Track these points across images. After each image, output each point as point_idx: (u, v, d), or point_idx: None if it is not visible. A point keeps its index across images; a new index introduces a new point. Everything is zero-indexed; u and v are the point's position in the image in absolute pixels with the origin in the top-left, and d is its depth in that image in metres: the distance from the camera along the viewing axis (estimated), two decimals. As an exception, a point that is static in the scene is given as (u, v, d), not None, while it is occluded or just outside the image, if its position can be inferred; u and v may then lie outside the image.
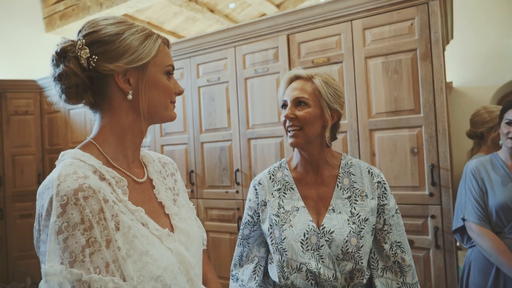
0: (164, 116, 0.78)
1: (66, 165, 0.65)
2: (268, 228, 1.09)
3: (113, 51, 0.71)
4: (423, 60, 1.83)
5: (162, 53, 0.77)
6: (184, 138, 2.65)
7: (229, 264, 2.46)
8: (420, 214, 1.82)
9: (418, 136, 1.84)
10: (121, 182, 0.72)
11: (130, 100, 0.73)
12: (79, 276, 0.57)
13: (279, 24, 2.24)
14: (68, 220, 0.59)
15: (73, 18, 4.29)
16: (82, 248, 0.59)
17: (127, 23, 0.75)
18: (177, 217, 0.80)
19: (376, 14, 1.95)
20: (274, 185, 1.13)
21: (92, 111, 0.78)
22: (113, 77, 0.72)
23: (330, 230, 1.03)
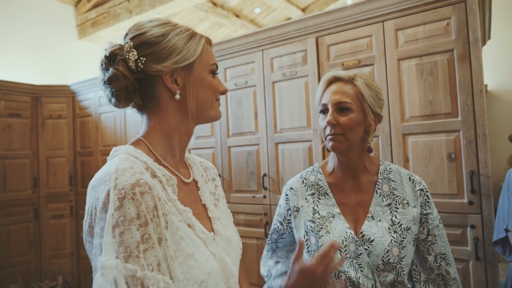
0: (211, 114, 0.79)
1: (122, 159, 0.66)
2: (304, 235, 1.04)
3: (160, 52, 0.71)
4: (460, 61, 1.75)
5: (206, 52, 0.77)
6: (211, 142, 2.66)
7: (256, 270, 2.43)
8: (458, 223, 1.73)
9: (456, 141, 1.75)
10: (171, 180, 0.72)
11: (178, 100, 0.74)
12: (133, 272, 0.57)
13: (308, 26, 2.20)
14: (124, 214, 0.59)
15: (104, 25, 4.42)
16: (137, 244, 0.59)
17: (171, 24, 0.76)
18: (219, 222, 0.79)
19: (409, 14, 1.89)
20: (307, 189, 1.08)
21: (139, 113, 0.78)
22: (161, 78, 0.73)
23: (370, 238, 0.98)
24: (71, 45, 4.59)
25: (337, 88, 1.03)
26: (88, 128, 3.56)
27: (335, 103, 1.02)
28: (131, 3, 4.18)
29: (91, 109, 3.54)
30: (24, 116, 3.48)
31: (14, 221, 3.35)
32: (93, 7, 4.52)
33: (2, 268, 3.23)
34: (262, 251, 2.39)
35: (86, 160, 3.57)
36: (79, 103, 3.65)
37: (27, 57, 4.11)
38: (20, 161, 3.44)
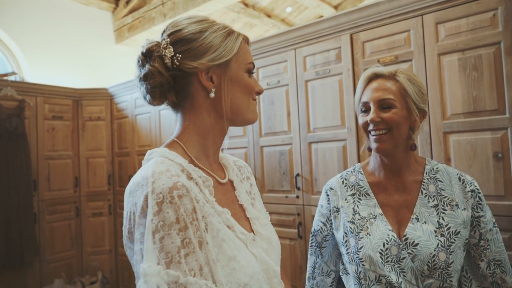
0: (247, 116, 0.76)
1: (157, 163, 0.65)
2: (343, 236, 1.01)
3: (196, 49, 0.70)
4: (508, 55, 1.64)
5: (243, 50, 0.75)
6: (244, 142, 2.67)
7: (289, 270, 2.41)
8: (506, 227, 1.62)
9: (503, 139, 1.65)
10: (207, 181, 0.71)
11: (212, 99, 0.72)
12: (176, 278, 0.56)
13: (341, 23, 2.15)
14: (164, 219, 0.58)
15: (139, 29, 4.56)
16: (178, 249, 0.57)
17: (208, 21, 0.74)
18: (258, 222, 0.77)
19: (450, 6, 1.79)
20: (347, 189, 1.06)
21: (174, 111, 0.78)
22: (196, 75, 0.71)
23: (414, 242, 0.93)
24: (109, 49, 4.77)
25: (378, 85, 0.99)
26: (125, 129, 3.68)
27: (377, 100, 0.98)
28: (165, 6, 4.28)
29: (127, 111, 3.66)
30: (66, 118, 3.66)
31: (57, 218, 3.53)
32: (130, 12, 4.68)
33: (47, 263, 3.42)
34: (295, 251, 2.37)
35: (123, 160, 3.69)
36: (117, 105, 3.78)
37: (69, 62, 4.32)
38: (63, 161, 3.62)
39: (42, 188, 3.43)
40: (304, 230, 2.32)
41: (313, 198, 2.29)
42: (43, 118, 3.48)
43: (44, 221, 3.42)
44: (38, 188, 3.39)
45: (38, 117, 3.44)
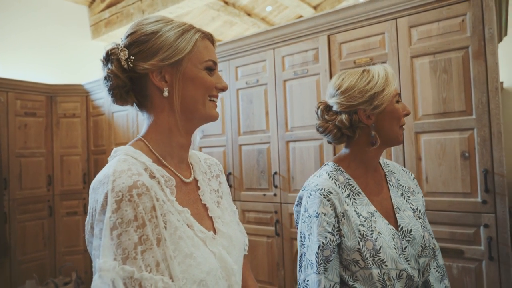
0: (203, 113, 0.75)
1: (120, 161, 0.66)
2: (358, 242, 0.95)
3: (147, 50, 0.72)
4: (475, 59, 1.72)
5: (200, 48, 0.74)
6: (222, 141, 2.67)
7: (266, 267, 2.44)
8: (471, 222, 1.70)
9: (470, 139, 1.73)
10: (169, 181, 0.72)
11: (168, 98, 0.73)
12: (131, 273, 0.58)
13: (319, 24, 2.19)
14: (122, 216, 0.59)
15: (117, 25, 4.47)
16: (134, 245, 0.59)
17: (165, 21, 0.75)
18: (220, 220, 0.79)
19: (423, 11, 1.86)
20: (342, 191, 1.00)
21: (139, 111, 0.79)
22: (148, 76, 0.73)
23: (409, 229, 0.99)
24: (85, 45, 4.66)
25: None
26: (101, 126, 3.61)
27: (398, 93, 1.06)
28: (143, 2, 4.22)
29: (104, 108, 3.59)
30: (39, 115, 3.55)
31: (29, 218, 3.43)
32: (107, 7, 4.58)
33: (18, 264, 3.31)
34: (272, 248, 2.40)
35: (100, 158, 3.62)
36: (93, 102, 3.70)
37: (42, 57, 4.19)
38: (36, 159, 3.51)
39: (13, 186, 3.32)
40: (281, 228, 2.35)
41: (290, 196, 2.32)
42: (14, 115, 3.36)
43: (15, 220, 3.31)
44: (9, 187, 3.28)
45: (9, 114, 3.32)
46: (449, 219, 1.75)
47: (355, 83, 1.00)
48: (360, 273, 0.95)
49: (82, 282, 3.44)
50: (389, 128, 1.01)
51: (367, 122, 1.00)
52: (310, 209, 0.98)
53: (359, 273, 0.95)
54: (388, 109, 1.00)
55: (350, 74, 1.03)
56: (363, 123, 1.00)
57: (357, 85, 0.99)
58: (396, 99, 1.02)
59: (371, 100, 0.98)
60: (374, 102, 0.98)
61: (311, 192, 0.99)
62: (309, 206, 0.98)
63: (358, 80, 1.00)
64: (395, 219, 1.01)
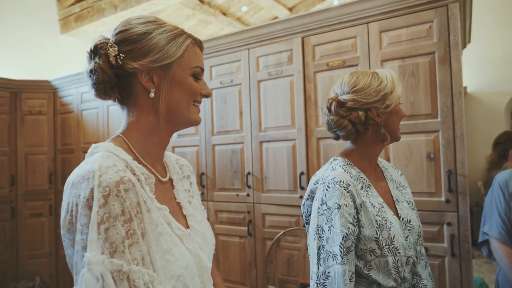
0: (187, 118, 0.78)
1: (104, 157, 0.67)
2: (376, 231, 1.00)
3: (139, 50, 0.73)
4: (441, 64, 1.79)
5: (190, 53, 0.77)
6: (196, 140, 2.65)
7: (238, 267, 2.43)
8: (436, 221, 1.77)
9: (435, 141, 1.80)
10: (149, 179, 0.73)
11: (153, 99, 0.75)
12: (119, 266, 0.59)
13: (294, 26, 2.22)
14: (109, 211, 0.60)
15: (88, 20, 4.34)
16: (122, 239, 0.61)
17: (157, 23, 0.76)
18: (193, 218, 0.81)
19: (393, 16, 1.92)
20: (357, 184, 1.04)
21: (120, 107, 0.80)
22: (136, 75, 0.74)
23: (408, 219, 1.08)
24: (53, 39, 4.48)
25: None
26: (69, 124, 3.49)
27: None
28: (115, -2, 4.11)
29: (73, 106, 3.47)
30: (2, 111, 3.38)
31: (-10, 219, 3.26)
32: (77, 1, 4.43)
33: (-23, 267, 3.14)
34: (244, 248, 2.40)
35: (67, 158, 3.49)
36: (61, 99, 3.57)
37: (7, 51, 4.00)
38: (-2, 157, 3.34)
39: (-27, 186, 3.15)
40: (254, 228, 2.36)
41: (263, 196, 2.33)
42: (-26, 110, 3.19)
43: (-26, 222, 3.14)
44: (-32, 187, 3.11)
45: (-31, 109, 3.15)
46: (415, 218, 1.82)
47: (370, 83, 1.06)
48: (376, 262, 0.99)
49: (46, 286, 3.31)
50: (394, 126, 1.10)
51: (377, 120, 1.07)
52: (330, 201, 0.99)
53: (374, 261, 0.99)
54: (395, 109, 1.09)
55: (363, 74, 1.09)
56: (374, 121, 1.07)
57: (372, 85, 1.06)
58: (399, 101, 1.12)
59: (384, 99, 1.06)
60: (386, 102, 1.06)
61: (329, 185, 1.01)
62: (327, 199, 1.00)
63: (372, 80, 1.07)
64: (396, 210, 1.09)
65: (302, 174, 2.17)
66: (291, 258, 2.17)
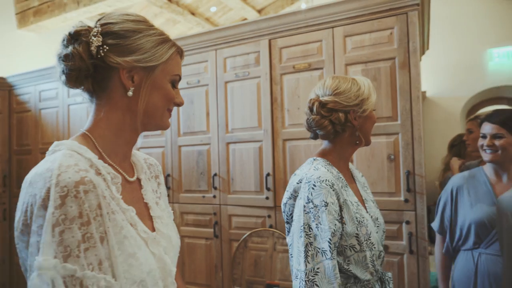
0: (159, 122, 0.78)
1: (66, 156, 0.64)
2: (356, 228, 1.07)
3: (125, 46, 0.72)
4: (401, 69, 1.87)
5: (173, 61, 0.77)
6: (161, 141, 2.60)
7: (204, 270, 2.41)
8: (395, 220, 1.84)
9: (395, 143, 1.87)
10: (116, 178, 0.71)
11: (130, 98, 0.73)
12: (72, 271, 0.57)
13: (261, 28, 2.23)
14: (66, 212, 0.58)
15: (48, 15, 4.14)
16: (77, 243, 0.58)
17: (147, 24, 0.76)
18: (160, 220, 0.79)
19: (357, 22, 1.98)
20: (337, 183, 1.09)
21: (89, 99, 0.77)
22: (118, 71, 0.72)
23: (376, 217, 1.16)
24: (9, 34, 4.24)
25: None
26: (26, 124, 3.31)
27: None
28: (78, -7, 3.96)
29: (30, 104, 3.29)
30: (-49, 109, 3.16)
31: None
32: (36, -5, 4.22)
33: None
34: (210, 250, 2.38)
35: (24, 159, 3.31)
36: (17, 97, 3.38)
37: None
38: None
39: None
40: (220, 230, 2.35)
41: (229, 197, 2.32)
42: None
43: None
44: None
45: None
46: (376, 217, 1.88)
47: (350, 87, 1.13)
48: (354, 257, 1.05)
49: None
50: (367, 131, 1.17)
51: (354, 123, 1.13)
52: (316, 199, 1.02)
53: (353, 256, 1.05)
54: (369, 115, 1.16)
55: (343, 79, 1.16)
56: (351, 123, 1.13)
57: (352, 89, 1.13)
58: (373, 107, 1.19)
59: (361, 104, 1.13)
60: (363, 106, 1.13)
61: (315, 184, 1.04)
62: (314, 197, 1.03)
63: (352, 85, 1.14)
64: (365, 209, 1.15)
65: (268, 175, 2.19)
66: (258, 259, 2.18)
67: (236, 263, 2.22)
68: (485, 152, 1.57)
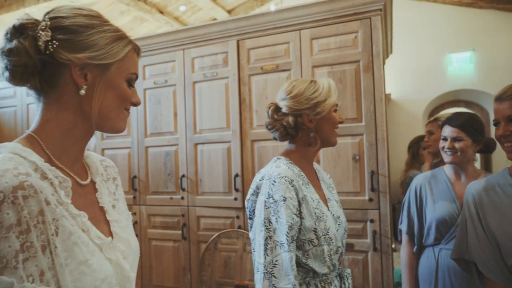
0: (114, 124, 0.74)
1: (5, 159, 0.59)
2: (314, 222, 1.10)
3: (77, 42, 0.67)
4: (365, 72, 1.92)
5: (129, 59, 0.74)
6: (127, 142, 2.53)
7: (172, 273, 2.37)
8: (360, 218, 1.89)
9: (360, 143, 1.93)
10: (64, 182, 0.66)
11: (82, 97, 0.69)
12: (9, 285, 0.52)
13: (230, 29, 2.23)
14: (2, 220, 0.53)
15: (5, 9, 3.93)
16: (15, 253, 0.54)
17: (101, 19, 0.71)
18: (117, 224, 0.76)
19: (323, 25, 2.02)
20: (298, 180, 1.13)
21: (36, 98, 0.72)
22: (69, 68, 0.67)
23: (338, 215, 1.19)
24: (-38, 28, 3.99)
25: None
26: (-19, 123, 3.12)
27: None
28: (39, -13, 3.79)
29: None
30: None
31: None
32: (-8, -12, 3.99)
33: None
34: (178, 252, 2.34)
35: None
36: (-30, 94, 3.18)
37: None
38: None
39: None
40: (189, 231, 2.32)
41: (198, 199, 2.30)
42: None
43: None
44: None
45: None
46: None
47: (303, 91, 1.15)
48: (313, 251, 1.08)
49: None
50: (326, 132, 1.18)
51: (308, 125, 1.15)
52: (276, 194, 1.07)
53: (311, 251, 1.08)
54: (327, 116, 1.17)
55: (300, 82, 1.18)
56: (306, 126, 1.15)
57: (304, 93, 1.14)
58: (334, 108, 1.19)
59: (315, 107, 1.14)
60: (316, 109, 1.14)
61: (275, 180, 1.08)
62: (274, 192, 1.07)
63: (306, 89, 1.15)
64: (328, 207, 1.18)
65: (237, 176, 2.18)
66: (228, 260, 2.17)
67: (205, 265, 2.21)
68: (446, 153, 1.65)
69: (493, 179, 1.25)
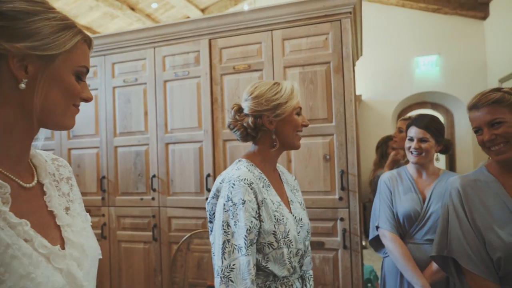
0: (60, 121, 0.68)
1: None
2: (274, 225, 1.09)
3: (16, 30, 0.60)
4: (335, 73, 1.96)
5: (78, 50, 0.67)
6: (96, 142, 2.45)
7: (143, 276, 2.32)
8: (330, 217, 1.93)
9: (330, 143, 1.96)
10: (2, 188, 0.60)
11: (22, 91, 0.62)
12: None
13: (202, 28, 2.21)
14: None
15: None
16: None
17: (45, 6, 0.64)
18: (70, 228, 0.70)
19: (294, 26, 2.04)
20: (258, 182, 1.12)
21: None
22: (6, 59, 0.61)
23: (300, 218, 1.19)
24: None
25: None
26: None
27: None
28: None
29: None
30: None
31: None
32: None
33: None
34: (149, 254, 2.30)
35: None
36: None
37: None
38: None
39: None
40: (160, 232, 2.28)
41: (169, 199, 2.27)
42: None
43: None
44: None
45: None
46: (313, 215, 1.95)
47: (264, 93, 1.15)
48: (273, 254, 1.08)
49: None
50: (287, 134, 1.17)
51: (269, 126, 1.15)
52: (235, 197, 1.06)
53: (271, 254, 1.08)
54: (288, 119, 1.16)
55: (263, 84, 1.18)
56: (266, 127, 1.15)
57: (265, 95, 1.14)
58: (296, 111, 1.18)
59: (275, 109, 1.14)
60: (277, 111, 1.14)
61: (235, 183, 1.07)
62: (233, 195, 1.06)
63: (268, 91, 1.15)
64: (290, 209, 1.19)
65: (209, 176, 2.17)
66: (201, 261, 2.15)
67: (178, 266, 2.17)
68: (411, 154, 1.70)
69: (472, 176, 1.27)
